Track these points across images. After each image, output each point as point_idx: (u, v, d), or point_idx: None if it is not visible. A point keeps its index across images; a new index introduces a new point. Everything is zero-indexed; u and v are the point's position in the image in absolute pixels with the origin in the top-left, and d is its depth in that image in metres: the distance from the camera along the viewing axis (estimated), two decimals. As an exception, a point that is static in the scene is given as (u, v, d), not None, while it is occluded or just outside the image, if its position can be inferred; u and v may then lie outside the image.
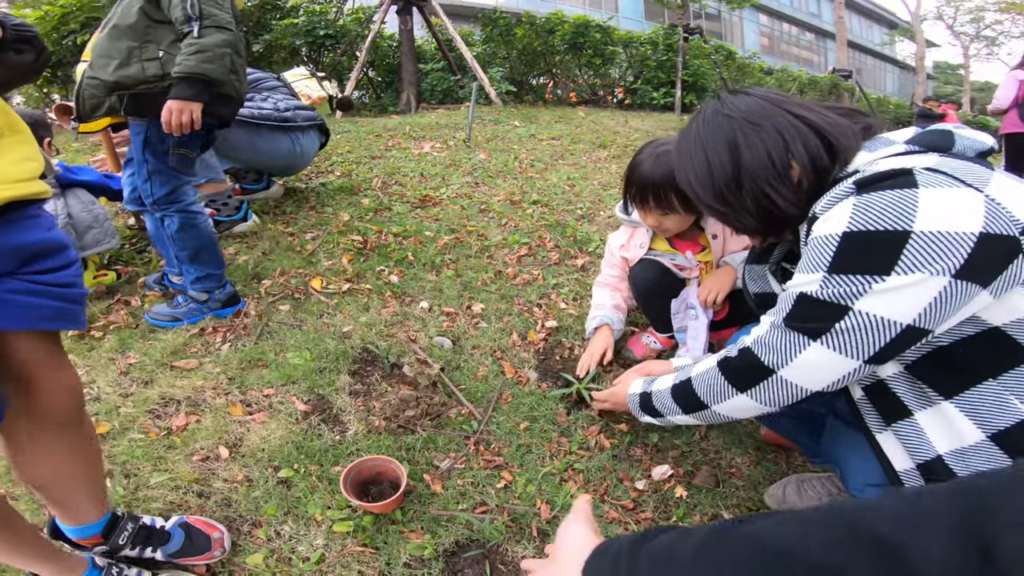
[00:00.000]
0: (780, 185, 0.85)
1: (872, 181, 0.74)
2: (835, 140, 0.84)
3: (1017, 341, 0.71)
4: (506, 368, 1.73)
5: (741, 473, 1.45)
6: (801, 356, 0.81)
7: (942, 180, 0.71)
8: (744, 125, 0.88)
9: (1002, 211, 0.68)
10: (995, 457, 0.74)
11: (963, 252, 0.67)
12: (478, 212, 2.79)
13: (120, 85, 1.62)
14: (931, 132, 0.81)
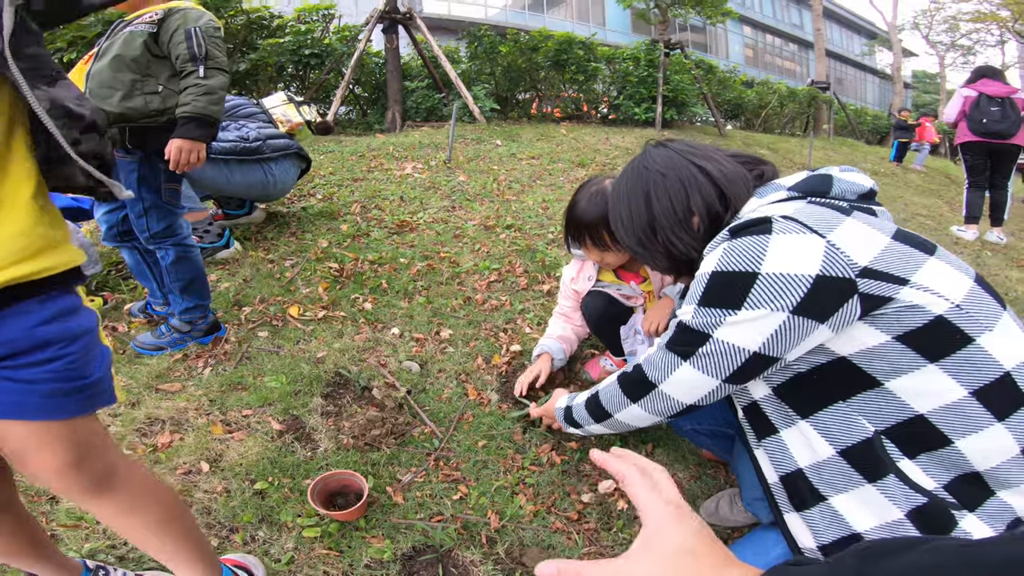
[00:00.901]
0: (682, 231, 0.99)
1: (741, 228, 0.87)
2: (727, 190, 0.97)
3: (862, 369, 0.82)
4: (469, 390, 1.86)
5: (681, 487, 1.59)
6: (675, 374, 0.95)
7: (793, 227, 0.82)
8: (656, 177, 1.01)
9: (840, 255, 0.78)
10: (843, 470, 0.86)
11: (800, 292, 0.79)
12: (452, 238, 2.92)
13: (124, 117, 1.66)
14: (812, 178, 0.94)
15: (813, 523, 0.90)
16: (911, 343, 0.78)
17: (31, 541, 0.99)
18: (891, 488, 0.84)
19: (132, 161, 1.75)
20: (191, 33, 1.70)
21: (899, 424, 0.82)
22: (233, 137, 2.45)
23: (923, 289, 0.78)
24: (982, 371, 0.77)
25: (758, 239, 0.83)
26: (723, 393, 0.94)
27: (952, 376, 0.78)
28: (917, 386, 0.80)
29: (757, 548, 1.08)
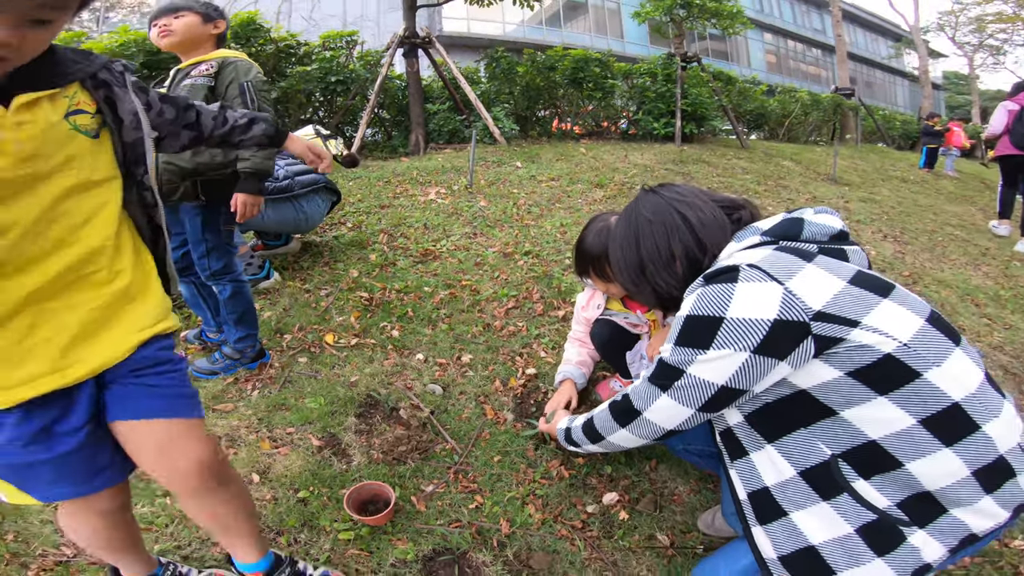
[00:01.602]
0: (666, 273, 1.12)
1: (713, 276, 0.99)
2: (703, 236, 1.09)
3: (820, 400, 0.93)
4: (487, 411, 2.05)
5: (681, 500, 1.74)
6: (656, 403, 1.08)
7: (756, 275, 0.93)
8: (645, 223, 1.14)
9: (796, 301, 0.89)
10: (802, 489, 0.99)
11: (760, 334, 0.90)
12: (473, 265, 3.10)
13: (196, 172, 1.84)
14: (784, 222, 1.04)
15: (774, 536, 1.02)
16: (862, 378, 0.88)
17: (131, 539, 1.20)
18: (843, 506, 0.95)
19: (197, 207, 1.94)
20: (244, 88, 1.85)
21: (854, 448, 0.93)
22: None
23: (872, 330, 0.88)
24: (928, 402, 0.87)
25: (725, 287, 0.95)
26: (699, 420, 1.07)
27: (900, 407, 0.87)
28: (869, 415, 0.90)
29: (729, 557, 1.20)
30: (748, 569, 1.11)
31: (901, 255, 4.22)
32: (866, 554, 0.93)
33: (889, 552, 0.92)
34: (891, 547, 0.92)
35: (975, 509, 0.89)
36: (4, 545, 1.50)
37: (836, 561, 0.95)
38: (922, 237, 5.00)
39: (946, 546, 0.92)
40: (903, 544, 0.92)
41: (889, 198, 6.44)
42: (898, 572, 0.92)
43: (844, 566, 0.95)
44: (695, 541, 1.61)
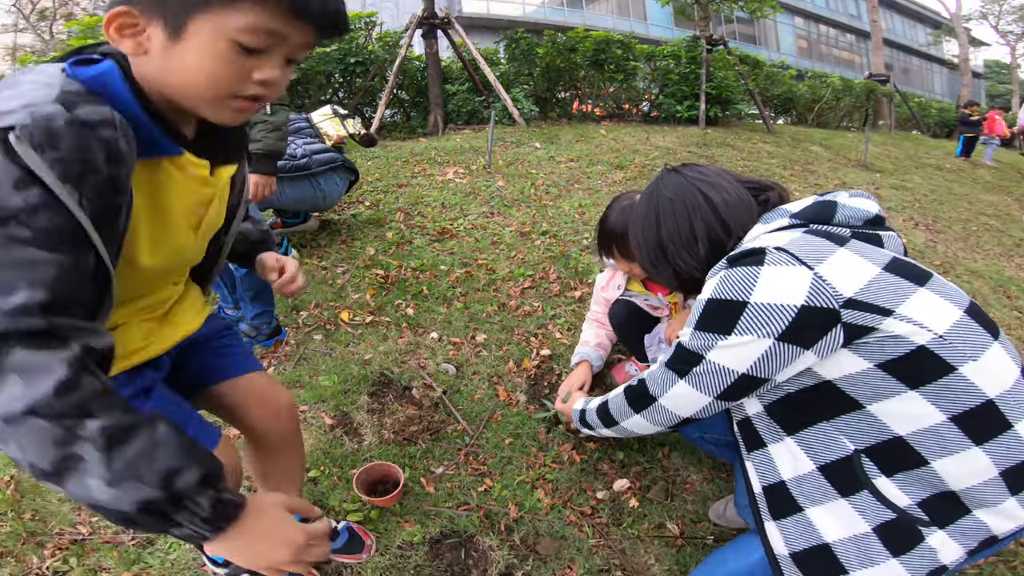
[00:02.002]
0: (686, 254, 1.07)
1: (737, 258, 0.94)
2: (727, 217, 1.04)
3: (846, 392, 0.88)
4: (500, 392, 2.03)
5: (693, 488, 1.70)
6: (672, 390, 1.05)
7: (784, 259, 0.88)
8: (667, 204, 1.09)
9: (825, 287, 0.84)
10: (820, 485, 0.95)
11: (785, 321, 0.86)
12: (490, 244, 3.08)
13: None
14: (816, 204, 0.99)
15: (787, 532, 0.98)
16: (892, 371, 0.84)
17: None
18: (862, 503, 0.91)
19: None
20: None
21: (878, 444, 0.89)
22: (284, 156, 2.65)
23: (906, 320, 0.83)
24: (961, 398, 0.82)
25: (750, 270, 0.90)
26: (717, 409, 1.03)
27: (931, 402, 0.83)
28: (897, 410, 0.85)
29: (740, 550, 1.15)
30: (758, 564, 1.07)
31: (933, 244, 4.09)
32: (881, 554, 0.89)
33: (905, 553, 0.88)
34: (908, 548, 0.89)
35: (999, 511, 0.85)
36: (22, 524, 1.52)
37: (850, 560, 0.92)
38: (955, 226, 4.85)
39: (965, 548, 0.88)
40: (921, 545, 0.88)
41: (922, 186, 6.24)
42: (912, 574, 0.89)
43: (857, 565, 0.91)
44: (705, 531, 1.58)
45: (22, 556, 1.44)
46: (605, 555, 1.51)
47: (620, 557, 1.51)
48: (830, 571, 0.94)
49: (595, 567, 1.48)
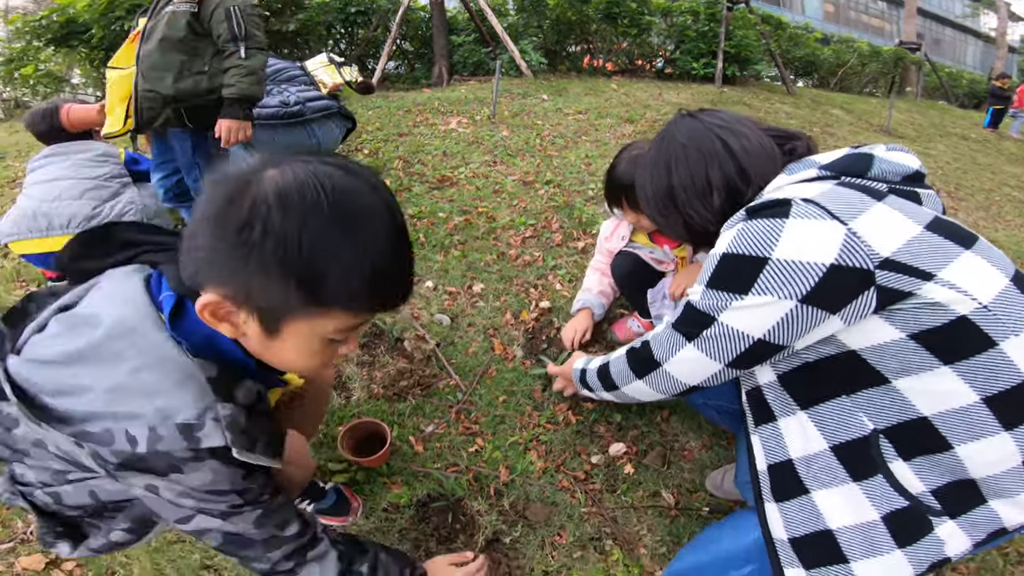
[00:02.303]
0: (700, 205, 0.98)
1: (758, 209, 0.84)
2: (748, 166, 0.94)
3: (871, 365, 0.79)
4: (496, 345, 1.92)
5: (692, 455, 1.61)
6: (679, 354, 0.95)
7: (813, 212, 0.78)
8: (679, 149, 0.99)
9: (860, 245, 0.74)
10: (831, 466, 0.85)
11: (811, 281, 0.76)
12: (491, 193, 2.94)
13: (177, 99, 1.77)
14: (850, 156, 0.88)
15: (789, 515, 0.90)
16: (926, 343, 0.75)
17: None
18: (875, 488, 0.83)
19: (185, 133, 1.87)
20: (231, 13, 1.74)
21: (900, 424, 0.80)
22: (275, 103, 2.57)
23: (949, 286, 0.73)
24: (999, 377, 0.73)
25: (773, 222, 0.80)
26: (726, 377, 0.93)
27: (965, 380, 0.74)
28: (926, 387, 0.76)
29: (736, 529, 1.06)
30: (753, 546, 0.98)
31: (954, 211, 3.99)
32: (886, 544, 0.82)
33: (911, 544, 0.81)
34: (915, 538, 0.81)
35: (1015, 501, 0.78)
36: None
37: (852, 549, 0.84)
38: (978, 195, 4.70)
39: (972, 540, 0.81)
40: (929, 536, 0.81)
41: (945, 153, 6.03)
42: (915, 566, 0.82)
43: (859, 555, 0.83)
44: (700, 502, 1.50)
45: (7, 521, 1.40)
46: (596, 523, 1.44)
47: (612, 526, 1.43)
48: (829, 560, 0.86)
49: (585, 535, 1.41)
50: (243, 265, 0.59)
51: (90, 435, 0.64)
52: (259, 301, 0.62)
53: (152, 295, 0.70)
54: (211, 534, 0.76)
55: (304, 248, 0.58)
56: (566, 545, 1.39)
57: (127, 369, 0.64)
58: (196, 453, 0.66)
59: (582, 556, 1.37)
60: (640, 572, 1.35)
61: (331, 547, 0.88)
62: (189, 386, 0.66)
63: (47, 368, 0.67)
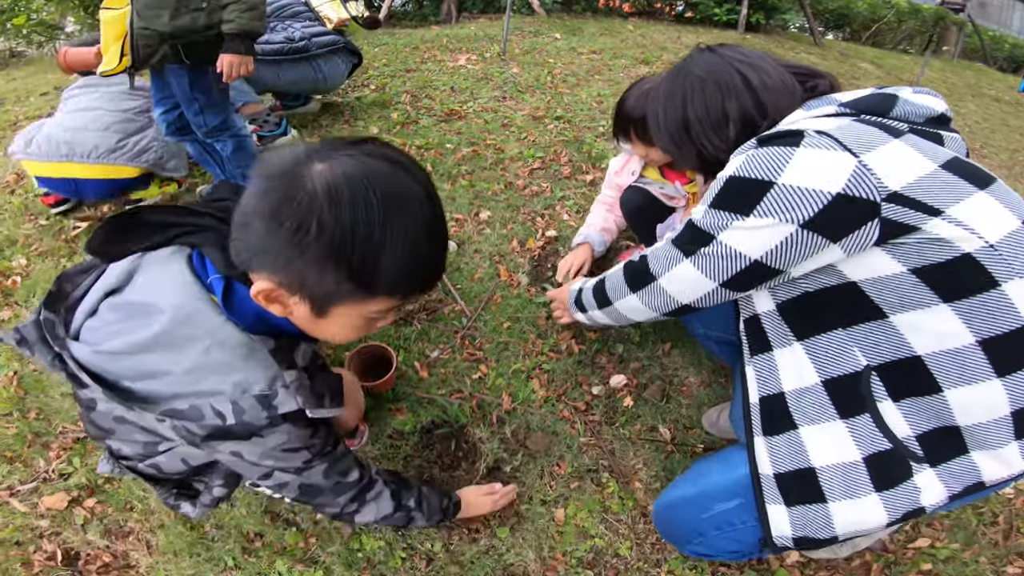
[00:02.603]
0: (715, 136, 0.97)
1: (770, 137, 0.83)
2: (766, 100, 0.93)
3: (870, 298, 0.79)
4: (501, 271, 1.91)
5: (690, 391, 1.61)
6: (675, 270, 0.95)
7: (825, 143, 0.77)
8: (696, 81, 0.97)
9: (869, 177, 0.73)
10: (821, 401, 0.86)
11: (814, 207, 0.76)
12: (500, 126, 2.87)
13: (175, 35, 1.74)
14: (873, 96, 0.87)
15: (776, 450, 0.91)
16: (927, 278, 0.74)
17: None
18: (860, 428, 0.83)
19: (183, 69, 1.83)
20: None
21: (893, 362, 0.80)
22: (280, 39, 2.51)
23: (955, 223, 0.72)
24: (997, 320, 0.72)
25: (783, 150, 0.79)
26: (719, 298, 0.93)
27: (963, 320, 0.74)
28: (923, 324, 0.76)
29: (725, 463, 1.08)
30: (742, 480, 1.00)
31: None
32: (864, 487, 0.84)
33: (889, 488, 0.82)
34: (893, 483, 0.82)
35: (996, 455, 0.79)
36: (27, 424, 1.50)
37: (832, 489, 0.86)
38: (1002, 154, 4.59)
39: (949, 491, 0.81)
40: (906, 482, 0.82)
41: (975, 112, 5.83)
42: (889, 512, 0.83)
43: (838, 496, 0.85)
44: (696, 439, 1.51)
45: (29, 460, 1.43)
46: (594, 455, 1.45)
47: (609, 458, 1.45)
48: (810, 498, 0.87)
49: (583, 466, 1.43)
50: (298, 259, 0.63)
51: (180, 412, 0.71)
52: (312, 290, 0.66)
53: (198, 277, 0.74)
54: (288, 487, 0.87)
55: (356, 244, 0.62)
56: (564, 475, 1.41)
57: (199, 351, 0.71)
58: (272, 420, 0.74)
59: (579, 487, 1.39)
60: (634, 505, 1.37)
61: (385, 486, 1.00)
62: (256, 359, 0.73)
63: (119, 359, 0.72)
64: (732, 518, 1.01)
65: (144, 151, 2.09)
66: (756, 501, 0.94)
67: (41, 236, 2.18)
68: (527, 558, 1.27)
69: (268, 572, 1.23)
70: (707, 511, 1.05)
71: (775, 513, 0.92)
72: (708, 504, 1.05)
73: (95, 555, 1.27)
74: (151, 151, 2.11)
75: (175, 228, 0.79)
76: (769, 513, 0.93)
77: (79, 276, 0.82)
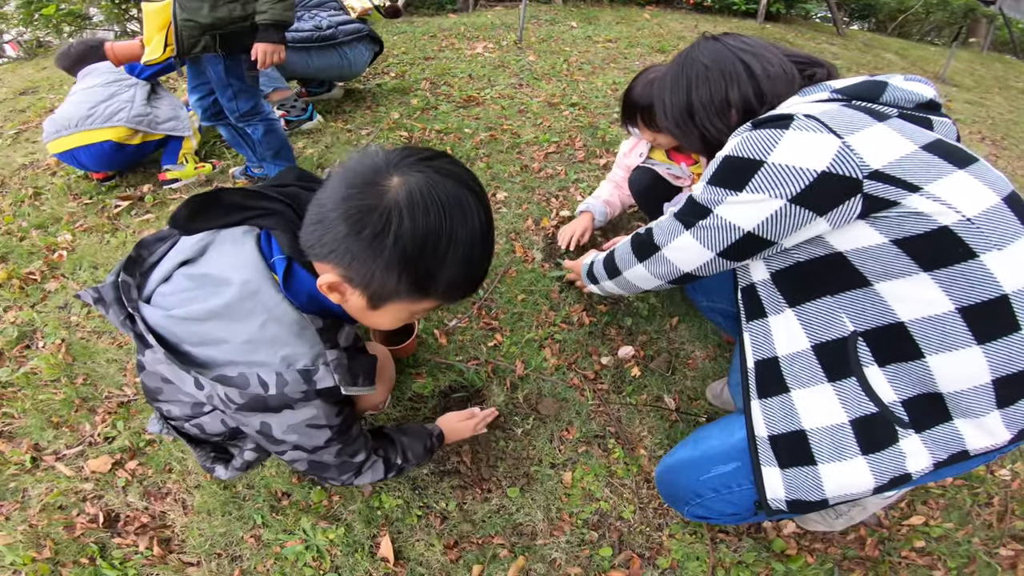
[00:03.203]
0: (718, 120, 1.05)
1: (762, 121, 0.90)
2: (765, 88, 1.00)
3: (855, 267, 0.85)
4: (517, 248, 1.99)
5: (696, 364, 1.68)
6: (676, 240, 1.03)
7: (812, 125, 0.83)
8: (701, 69, 1.04)
9: (851, 156, 0.80)
10: (811, 365, 0.92)
11: (801, 183, 0.82)
12: (516, 112, 2.94)
13: (214, 27, 1.87)
14: (864, 83, 0.93)
15: (770, 412, 0.96)
16: (908, 248, 0.79)
17: None
18: (846, 392, 0.88)
19: (218, 57, 1.97)
20: None
21: (878, 329, 0.85)
22: (309, 27, 2.64)
23: (933, 199, 0.77)
24: (976, 288, 0.76)
25: (774, 132, 0.85)
26: (718, 267, 1.01)
27: (943, 288, 0.78)
28: (905, 292, 0.81)
29: (724, 429, 1.13)
30: (739, 445, 1.05)
31: (995, 158, 3.85)
32: (851, 449, 0.88)
33: (875, 452, 0.87)
34: (879, 447, 0.87)
35: (979, 423, 0.82)
36: (74, 390, 1.59)
37: (821, 451, 0.91)
38: (1023, 145, 4.46)
39: (934, 458, 0.86)
40: (892, 447, 0.86)
41: (1000, 105, 5.71)
42: (876, 477, 0.88)
43: (827, 458, 0.90)
44: (699, 410, 1.58)
45: (76, 424, 1.52)
46: (602, 422, 1.53)
47: (615, 425, 1.52)
48: (801, 460, 0.92)
49: (591, 432, 1.50)
50: (371, 262, 0.71)
51: (229, 379, 0.79)
52: (375, 288, 0.74)
53: (264, 256, 0.82)
54: (299, 462, 0.96)
55: (425, 255, 0.70)
56: (572, 440, 1.49)
57: (257, 324, 0.79)
58: (306, 394, 0.82)
59: (586, 451, 1.47)
60: (638, 470, 1.45)
61: (377, 456, 1.09)
62: (305, 336, 0.81)
63: (187, 323, 0.80)
64: (729, 481, 1.06)
65: (116, 112, 2.31)
66: (752, 464, 1.00)
67: (85, 214, 2.31)
68: (536, 518, 1.35)
69: (293, 529, 1.30)
70: (706, 473, 1.10)
71: (769, 475, 0.96)
72: (707, 466, 1.10)
73: (134, 516, 1.34)
74: (123, 111, 2.32)
75: (249, 210, 0.86)
76: (764, 475, 0.97)
77: (156, 244, 0.90)
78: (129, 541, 1.29)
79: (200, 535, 1.30)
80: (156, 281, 0.85)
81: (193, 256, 0.85)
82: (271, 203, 0.88)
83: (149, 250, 0.89)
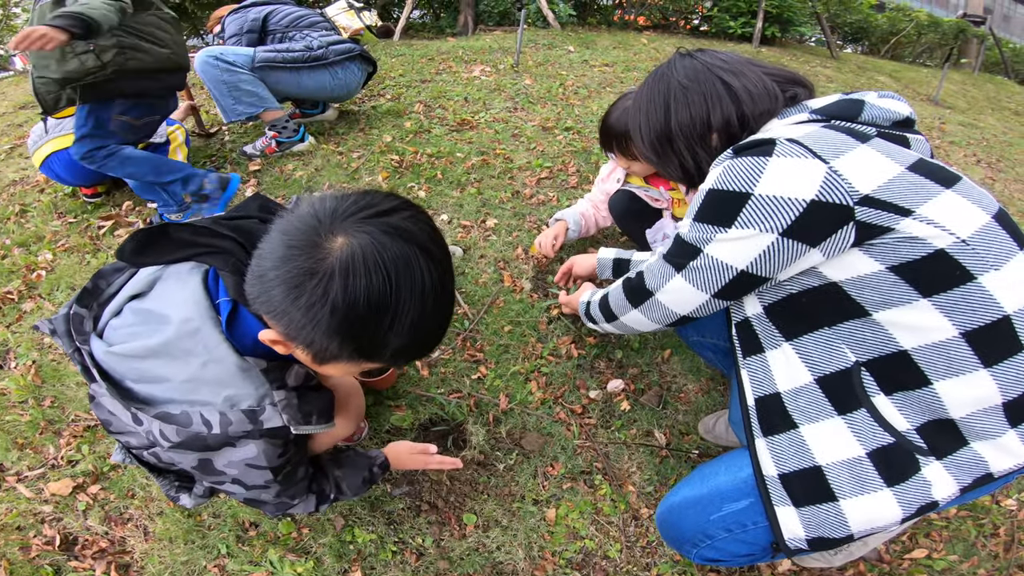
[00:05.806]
0: (697, 145, 0.99)
1: (744, 148, 0.85)
2: (748, 109, 0.94)
3: (852, 297, 0.81)
4: (505, 277, 1.95)
5: (687, 398, 1.63)
6: (669, 284, 0.97)
7: (796, 151, 0.79)
8: (679, 90, 0.98)
9: (840, 182, 0.76)
10: (817, 399, 0.87)
11: (791, 215, 0.78)
12: (510, 136, 2.92)
13: (68, 80, 1.80)
14: (841, 102, 0.89)
15: (778, 450, 0.91)
16: (905, 275, 0.76)
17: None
18: (859, 423, 0.84)
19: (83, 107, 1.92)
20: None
21: (881, 358, 0.81)
22: (300, 47, 2.62)
23: (926, 221, 0.74)
24: (977, 312, 0.74)
25: (757, 160, 0.81)
26: (714, 307, 0.96)
27: (944, 314, 0.75)
28: (905, 320, 0.77)
29: (731, 465, 1.05)
30: (748, 480, 0.99)
31: (991, 181, 3.82)
32: (874, 481, 0.83)
33: (900, 483, 0.82)
34: (903, 477, 0.82)
35: (997, 444, 0.79)
36: (41, 412, 1.55)
37: (841, 486, 0.85)
38: (1019, 168, 4.50)
39: (959, 484, 0.81)
40: (916, 476, 0.82)
41: (994, 127, 5.74)
42: (904, 507, 0.82)
43: (849, 493, 0.85)
44: (691, 445, 1.52)
45: (40, 446, 1.48)
46: (589, 457, 1.47)
47: (603, 461, 1.47)
48: (819, 498, 0.87)
49: (577, 468, 1.45)
50: (311, 328, 0.68)
51: (171, 416, 0.77)
52: (317, 350, 0.71)
53: (210, 295, 0.80)
54: (235, 496, 0.95)
55: (367, 324, 0.67)
56: (557, 476, 1.43)
57: (197, 364, 0.77)
58: (250, 433, 0.80)
59: (572, 488, 1.41)
60: (626, 508, 1.39)
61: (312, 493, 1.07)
62: (248, 377, 0.79)
63: (128, 360, 0.78)
64: (743, 519, 0.98)
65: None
66: (764, 505, 0.93)
67: (68, 233, 2.28)
68: (516, 556, 1.29)
69: (260, 561, 1.25)
70: (716, 511, 1.01)
71: (785, 515, 0.90)
72: (718, 504, 1.01)
73: (92, 540, 1.30)
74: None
75: (197, 247, 0.83)
76: (779, 516, 0.91)
77: (114, 275, 0.87)
78: (86, 565, 1.25)
79: (160, 563, 1.25)
80: (109, 314, 0.83)
81: (143, 290, 0.83)
82: (220, 240, 0.84)
83: (107, 280, 0.87)
